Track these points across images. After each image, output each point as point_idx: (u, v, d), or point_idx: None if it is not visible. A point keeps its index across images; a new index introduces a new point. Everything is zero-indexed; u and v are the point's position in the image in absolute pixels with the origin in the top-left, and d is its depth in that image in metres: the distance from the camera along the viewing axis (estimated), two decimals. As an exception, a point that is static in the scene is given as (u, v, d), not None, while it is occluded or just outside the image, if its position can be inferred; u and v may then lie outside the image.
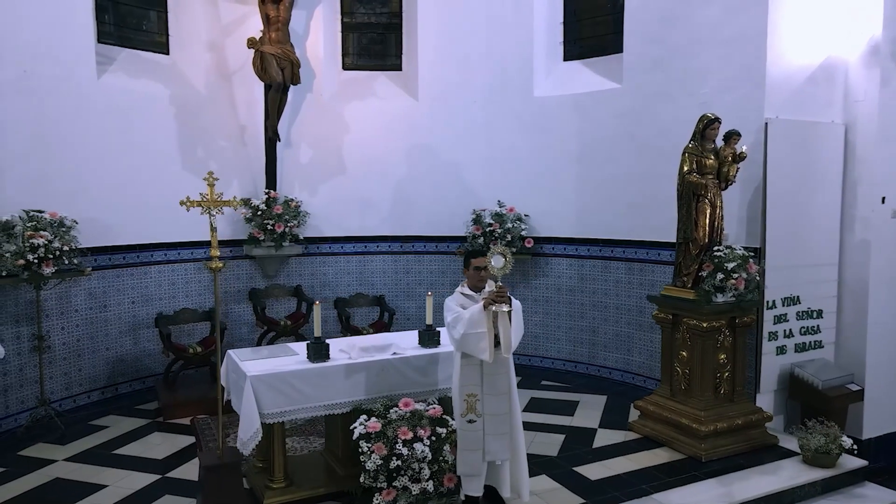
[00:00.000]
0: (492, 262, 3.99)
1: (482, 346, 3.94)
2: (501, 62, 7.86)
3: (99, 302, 6.68)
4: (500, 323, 3.94)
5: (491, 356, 3.97)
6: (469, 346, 3.97)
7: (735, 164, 5.37)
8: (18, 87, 5.92)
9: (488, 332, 3.93)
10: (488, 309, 3.92)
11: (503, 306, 3.90)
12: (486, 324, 3.93)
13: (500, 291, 3.92)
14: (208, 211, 4.30)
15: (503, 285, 3.98)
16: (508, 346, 3.95)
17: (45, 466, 5.10)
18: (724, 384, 5.37)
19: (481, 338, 3.92)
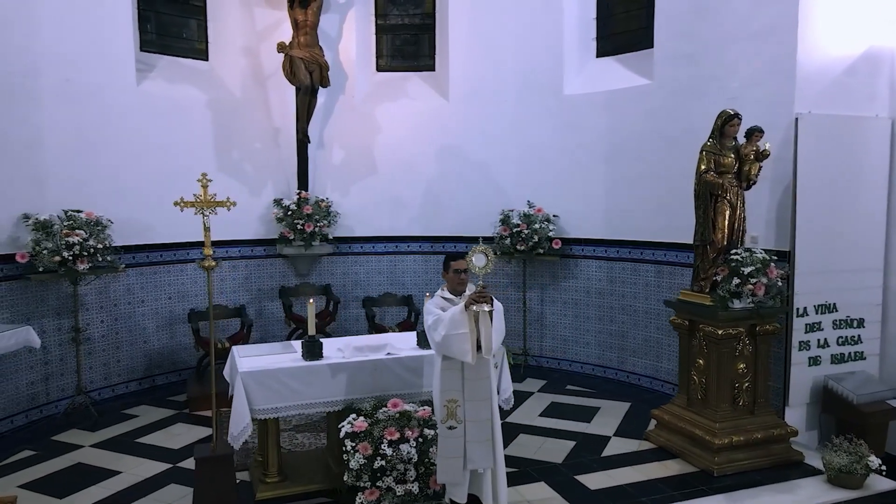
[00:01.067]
0: (473, 260, 3.94)
1: (465, 347, 3.88)
2: (531, 61, 7.73)
3: (136, 297, 7.04)
4: (482, 323, 3.87)
5: (473, 358, 3.90)
6: (451, 349, 3.92)
7: (757, 162, 5.07)
8: (61, 94, 6.30)
9: (470, 334, 3.87)
10: (470, 309, 3.87)
11: (484, 306, 3.83)
12: (468, 325, 3.87)
13: (481, 291, 3.86)
14: (201, 211, 4.41)
15: (485, 285, 3.91)
16: (489, 348, 3.88)
17: (72, 451, 5.42)
18: (743, 395, 5.08)
19: (464, 339, 3.86)
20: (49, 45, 6.18)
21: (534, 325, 7.97)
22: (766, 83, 5.66)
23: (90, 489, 4.69)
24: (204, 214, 4.45)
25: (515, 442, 5.54)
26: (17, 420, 5.98)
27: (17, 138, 5.97)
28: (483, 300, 3.84)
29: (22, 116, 6.01)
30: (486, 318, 3.86)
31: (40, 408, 6.20)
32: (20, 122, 5.99)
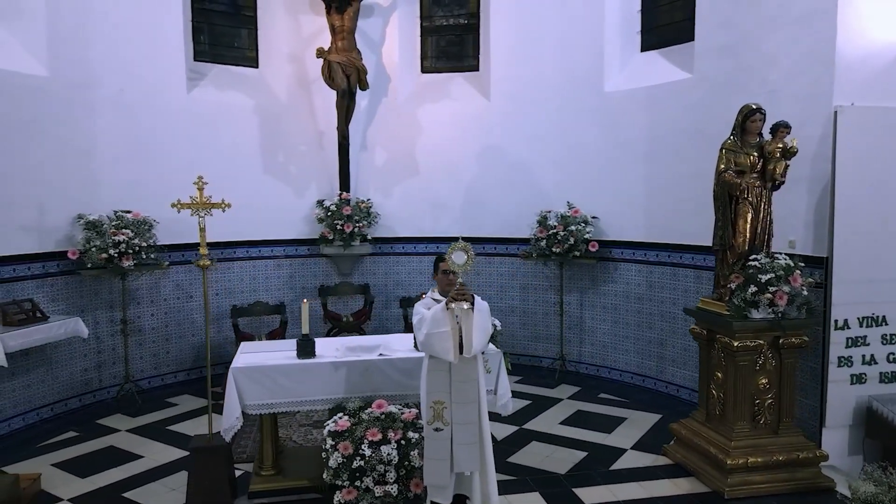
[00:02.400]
0: (453, 257, 3.90)
1: (447, 346, 3.84)
2: (572, 58, 7.51)
3: (185, 293, 7.47)
4: (464, 322, 3.82)
5: (455, 357, 3.86)
6: (434, 347, 3.89)
7: (783, 160, 4.66)
8: (115, 103, 6.80)
9: (452, 333, 3.83)
10: (450, 308, 3.83)
11: (463, 304, 3.78)
12: (449, 323, 3.83)
13: (460, 289, 3.81)
14: (197, 213, 4.60)
15: (464, 283, 3.86)
16: (470, 347, 3.81)
17: (109, 434, 5.84)
18: (764, 412, 4.69)
19: (445, 338, 3.82)
20: (104, 58, 6.68)
21: (573, 330, 7.75)
22: (806, 74, 5.20)
23: (110, 471, 5.04)
24: (200, 216, 4.58)
25: (525, 449, 5.41)
26: (71, 403, 6.51)
27: (75, 145, 6.50)
28: (462, 298, 3.78)
29: (79, 124, 6.54)
30: (469, 317, 3.80)
31: (93, 392, 6.73)
32: (77, 129, 6.52)
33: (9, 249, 5.93)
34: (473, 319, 3.78)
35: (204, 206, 4.63)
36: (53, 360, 6.36)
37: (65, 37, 6.37)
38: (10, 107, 5.92)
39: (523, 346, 8.13)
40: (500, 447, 5.45)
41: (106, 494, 4.64)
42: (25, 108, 6.04)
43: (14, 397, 5.97)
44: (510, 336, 8.19)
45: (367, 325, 7.87)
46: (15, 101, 5.95)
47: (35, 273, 6.16)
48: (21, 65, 6.06)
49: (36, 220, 6.17)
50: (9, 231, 5.93)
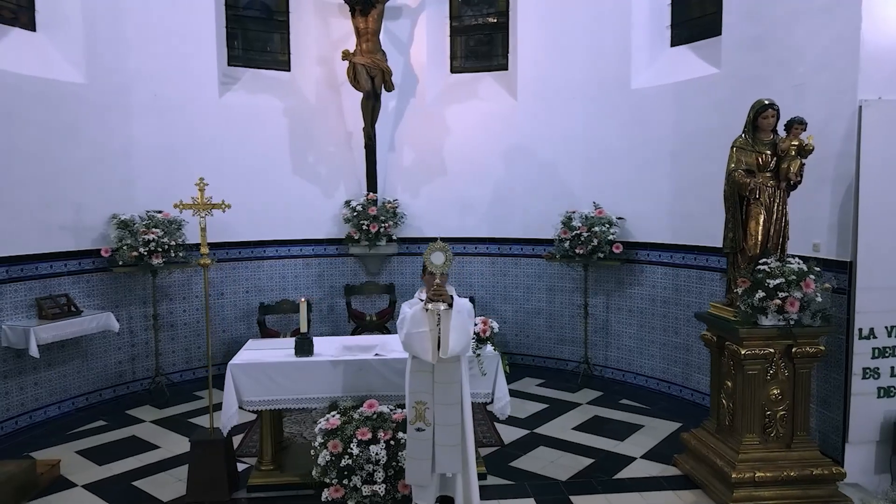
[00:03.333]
0: (431, 258, 3.90)
1: (425, 346, 3.85)
2: (599, 54, 7.33)
3: (217, 290, 7.73)
4: (442, 322, 3.81)
5: (433, 357, 3.86)
6: (413, 347, 3.90)
7: (798, 158, 4.40)
8: (149, 108, 7.10)
9: (431, 333, 3.83)
10: (427, 308, 3.82)
11: (439, 305, 3.77)
12: (428, 324, 3.83)
13: (436, 289, 3.80)
14: (199, 213, 4.74)
15: (441, 283, 3.84)
16: (446, 347, 3.79)
17: (134, 425, 6.11)
18: (776, 425, 4.44)
19: (423, 338, 3.84)
20: (139, 65, 6.99)
21: (598, 334, 7.56)
22: (830, 66, 4.89)
23: (127, 459, 5.27)
24: (200, 216, 4.73)
25: (531, 454, 5.33)
26: (105, 394, 6.85)
27: (111, 148, 6.83)
28: (438, 299, 3.77)
29: (115, 128, 6.87)
30: (446, 318, 3.78)
31: (126, 384, 7.05)
32: (113, 133, 6.85)
33: (47, 247, 6.29)
34: (451, 320, 3.75)
35: (204, 207, 4.78)
36: (89, 353, 6.70)
37: (101, 46, 6.70)
38: (50, 113, 6.27)
39: (549, 348, 8.00)
40: (505, 451, 5.40)
41: (117, 482, 4.86)
42: (64, 113, 6.39)
43: (50, 386, 6.32)
44: (536, 338, 8.09)
45: (391, 323, 7.91)
46: (54, 108, 6.30)
47: (72, 269, 6.51)
48: (60, 73, 6.41)
49: (73, 220, 6.52)
50: (48, 229, 6.28)
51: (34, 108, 6.11)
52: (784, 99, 5.17)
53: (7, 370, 5.89)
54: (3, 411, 5.86)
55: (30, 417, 6.11)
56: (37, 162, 6.13)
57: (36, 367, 6.15)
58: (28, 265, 6.10)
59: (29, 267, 6.11)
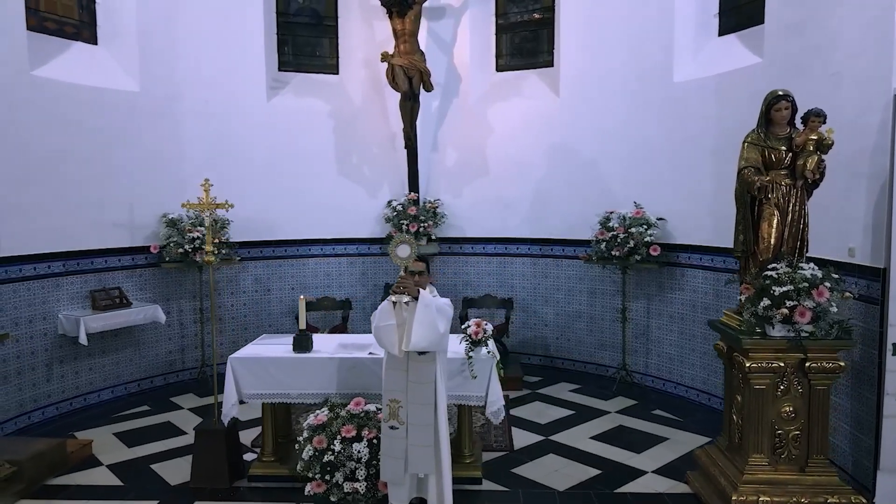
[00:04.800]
0: (397, 251, 3.92)
1: (392, 339, 3.89)
2: (642, 47, 7.01)
3: (263, 286, 8.07)
4: (407, 315, 3.80)
5: (400, 351, 3.87)
6: (381, 340, 3.96)
7: (815, 154, 4.01)
8: (200, 113, 7.52)
9: (398, 326, 3.84)
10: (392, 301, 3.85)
11: (402, 297, 3.77)
12: (395, 317, 3.85)
13: (399, 281, 3.80)
14: (204, 212, 4.96)
15: (406, 276, 3.84)
16: (408, 341, 3.77)
17: (173, 411, 6.50)
18: (788, 446, 4.07)
19: (390, 330, 3.88)
20: (190, 73, 7.42)
21: (639, 340, 7.23)
22: (866, 53, 4.42)
23: (154, 443, 5.62)
24: (206, 215, 4.95)
25: (537, 461, 5.18)
26: (157, 381, 7.33)
27: (163, 151, 7.29)
28: (399, 291, 3.78)
29: (167, 133, 7.33)
30: (411, 311, 3.78)
31: (176, 373, 7.51)
32: (166, 137, 7.31)
33: (102, 243, 6.81)
34: (416, 314, 3.73)
35: (209, 207, 4.99)
36: (141, 342, 7.20)
37: (155, 56, 7.17)
38: (107, 119, 6.78)
39: (589, 353, 7.74)
40: (512, 456, 5.28)
41: (136, 464, 5.19)
42: (119, 119, 6.89)
43: (104, 372, 6.85)
44: (576, 342, 7.85)
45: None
46: (110, 114, 6.81)
47: (125, 264, 7.01)
48: (116, 83, 6.92)
49: (127, 218, 7.02)
50: (103, 227, 6.80)
51: (91, 115, 6.62)
52: (821, 88, 4.79)
53: (63, 356, 6.44)
54: (59, 393, 6.41)
55: (84, 400, 6.65)
56: (93, 164, 6.65)
57: (91, 354, 6.68)
58: (84, 260, 6.63)
59: (84, 261, 6.64)
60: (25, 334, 6.08)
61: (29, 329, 6.11)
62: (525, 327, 8.19)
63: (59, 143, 6.34)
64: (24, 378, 6.08)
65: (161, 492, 4.69)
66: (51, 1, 6.62)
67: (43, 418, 6.23)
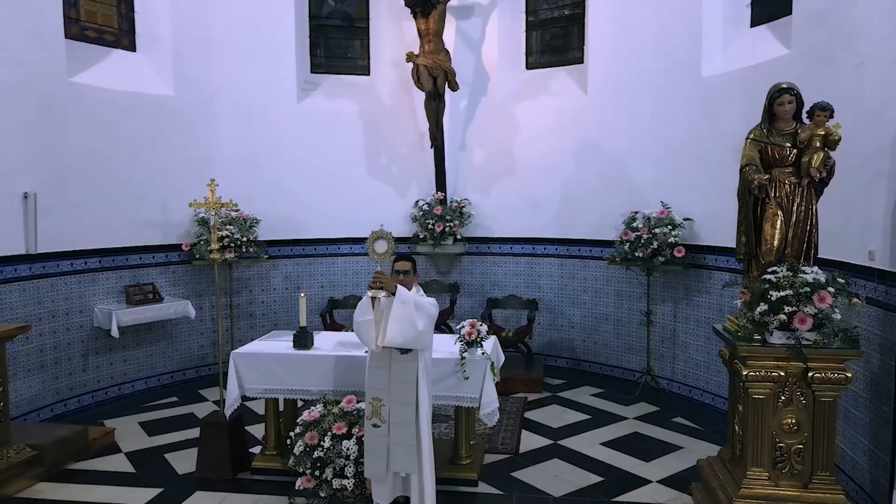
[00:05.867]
0: (374, 247, 3.94)
1: (370, 335, 3.93)
2: (669, 41, 6.78)
3: (293, 284, 8.26)
4: (384, 311, 3.82)
5: (377, 347, 3.90)
6: (361, 336, 4.01)
7: (822, 151, 3.76)
8: (232, 116, 7.77)
9: (375, 323, 3.86)
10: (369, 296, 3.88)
11: (379, 292, 3.78)
12: (372, 313, 3.89)
13: (375, 277, 3.82)
14: (210, 211, 5.11)
15: (381, 271, 3.85)
16: (383, 336, 3.79)
17: (198, 403, 6.76)
18: (790, 460, 3.84)
19: (368, 326, 3.92)
20: (223, 77, 7.67)
21: (665, 344, 6.99)
22: (891, 41, 4.11)
23: (173, 434, 5.85)
24: (212, 214, 5.10)
25: (539, 465, 5.09)
26: (188, 374, 7.62)
27: (196, 153, 7.57)
28: (376, 286, 3.79)
29: (200, 135, 7.60)
30: (388, 306, 3.79)
31: (208, 366, 7.78)
32: (199, 140, 7.59)
33: (138, 240, 7.14)
34: (392, 310, 3.73)
35: (215, 206, 5.15)
36: (174, 336, 7.50)
37: (189, 61, 7.45)
38: (142, 122, 7.10)
39: (616, 357, 7.54)
40: (515, 459, 5.21)
41: (152, 453, 5.42)
42: (154, 122, 7.20)
43: (138, 364, 7.18)
44: (603, 345, 7.67)
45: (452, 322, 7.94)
46: (146, 118, 7.12)
47: (158, 261, 7.33)
48: (152, 87, 7.24)
49: (161, 217, 7.33)
50: (138, 225, 7.13)
51: (127, 118, 6.95)
52: (846, 80, 4.54)
53: (99, 347, 6.79)
54: (94, 382, 6.76)
55: (118, 389, 6.99)
56: (129, 166, 6.98)
57: (125, 346, 7.01)
58: (119, 256, 6.97)
59: (120, 258, 6.98)
60: (62, 326, 6.44)
61: (66, 321, 6.48)
62: (552, 329, 8.06)
63: (97, 146, 6.68)
64: (61, 367, 6.44)
65: (168, 480, 4.88)
66: (91, 11, 6.99)
67: (79, 406, 6.58)
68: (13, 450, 4.72)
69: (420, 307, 3.86)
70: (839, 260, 4.58)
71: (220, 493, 4.66)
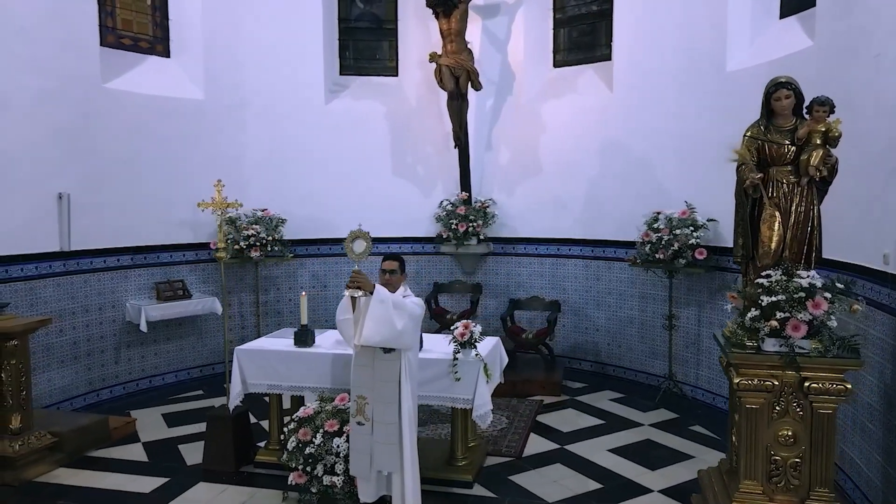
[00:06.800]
0: (353, 246, 3.99)
1: (349, 333, 4.04)
2: (694, 35, 6.56)
3: (320, 282, 8.42)
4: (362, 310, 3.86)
5: (354, 346, 3.98)
6: (342, 334, 4.14)
7: (821, 148, 3.55)
8: (260, 118, 7.99)
9: (355, 321, 3.91)
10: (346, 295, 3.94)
11: (356, 292, 3.82)
12: (350, 311, 3.95)
13: (353, 277, 3.85)
14: (216, 211, 5.26)
15: (359, 271, 3.88)
16: (360, 335, 3.82)
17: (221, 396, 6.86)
18: (786, 474, 3.64)
19: (347, 325, 4.01)
20: (252, 81, 7.89)
21: (690, 349, 6.75)
22: (905, 29, 3.85)
23: (191, 426, 6.05)
24: (218, 214, 5.25)
25: (540, 470, 5.00)
26: (217, 368, 7.86)
27: (227, 154, 7.80)
28: (353, 286, 3.83)
29: (231, 138, 7.85)
30: (366, 305, 3.82)
31: (237, 361, 8.02)
32: (229, 142, 7.83)
33: (169, 239, 7.43)
34: (369, 308, 3.75)
35: (221, 206, 5.29)
36: (204, 331, 7.77)
37: (219, 65, 7.70)
38: (174, 126, 7.38)
39: (640, 361, 7.34)
40: (517, 463, 5.16)
41: (167, 443, 5.63)
42: (186, 125, 7.47)
43: (168, 357, 7.47)
44: (627, 349, 7.48)
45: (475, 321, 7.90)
46: (177, 121, 7.40)
47: (189, 259, 7.60)
48: (184, 92, 7.52)
49: (191, 216, 7.57)
50: (170, 225, 7.42)
51: (159, 122, 7.24)
52: (865, 72, 4.26)
53: (130, 340, 7.10)
54: (126, 374, 7.08)
55: (149, 382, 7.29)
56: (160, 167, 7.27)
57: (156, 340, 7.32)
58: (150, 254, 7.27)
59: (151, 256, 7.28)
60: (95, 320, 6.77)
61: (99, 315, 6.81)
62: (577, 331, 7.91)
63: (129, 148, 6.99)
64: (94, 359, 6.77)
65: (175, 470, 5.06)
66: (127, 20, 7.32)
67: (111, 396, 6.91)
68: (35, 436, 4.99)
69: (400, 307, 3.87)
70: (856, 263, 4.32)
71: (222, 485, 4.80)
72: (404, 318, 3.87)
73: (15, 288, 5.99)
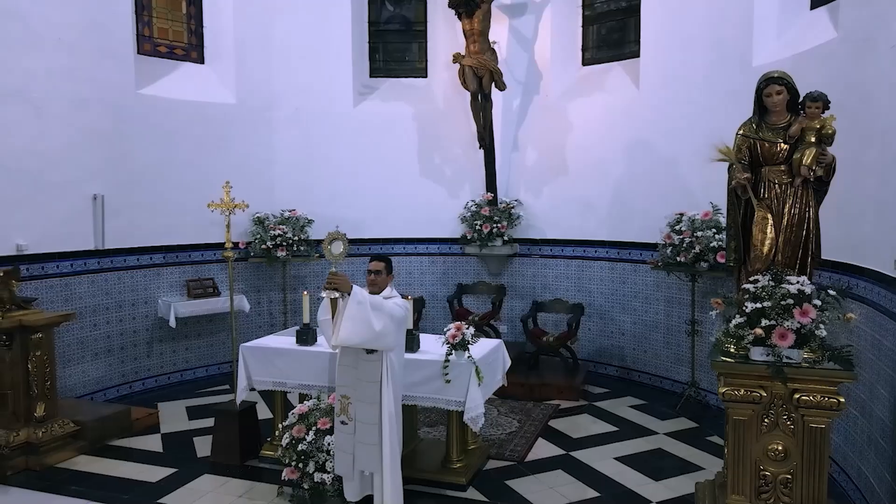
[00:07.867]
0: (331, 248, 4.04)
1: (328, 333, 4.07)
2: (721, 30, 6.31)
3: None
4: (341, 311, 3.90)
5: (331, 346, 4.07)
6: (324, 335, 4.19)
7: (815, 146, 3.35)
8: (290, 120, 8.18)
9: (333, 322, 3.96)
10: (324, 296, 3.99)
11: (333, 293, 3.86)
12: (330, 312, 4.01)
13: (329, 278, 3.90)
14: (225, 212, 5.41)
15: (336, 271, 3.93)
16: (337, 335, 3.86)
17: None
18: (776, 490, 3.45)
19: (326, 325, 4.06)
20: (282, 85, 8.09)
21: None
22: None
23: (209, 419, 6.17)
24: (227, 214, 5.40)
25: (538, 476, 4.92)
26: (247, 364, 8.11)
27: (257, 156, 8.04)
28: (330, 287, 3.87)
29: (261, 139, 8.08)
30: (343, 306, 3.86)
31: (266, 358, 8.24)
32: (259, 144, 8.07)
33: (201, 239, 7.71)
34: (346, 309, 3.78)
35: (229, 207, 5.44)
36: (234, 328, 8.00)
37: (250, 70, 7.94)
38: (207, 129, 7.66)
39: (665, 367, 7.11)
40: (517, 467, 5.10)
41: (184, 435, 5.85)
42: (218, 129, 7.74)
43: (199, 352, 7.76)
44: (653, 355, 7.27)
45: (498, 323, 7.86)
46: (209, 125, 7.68)
47: (219, 258, 7.85)
48: (216, 96, 7.79)
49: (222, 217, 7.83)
50: (202, 225, 7.65)
51: (191, 126, 7.52)
52: (882, 64, 4.01)
53: (162, 336, 7.41)
54: (157, 368, 7.39)
55: (180, 375, 7.59)
56: (192, 169, 7.55)
57: (187, 336, 7.61)
58: (182, 253, 7.57)
59: (183, 254, 7.58)
60: (128, 315, 7.11)
61: (132, 311, 7.14)
62: (602, 335, 7.74)
63: (162, 152, 7.30)
64: (127, 353, 7.10)
65: (185, 461, 5.25)
66: (163, 29, 7.64)
67: (143, 388, 7.23)
68: (58, 424, 5.29)
69: (379, 308, 3.89)
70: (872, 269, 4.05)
71: (225, 478, 4.94)
72: (384, 319, 3.88)
73: (50, 284, 6.36)
